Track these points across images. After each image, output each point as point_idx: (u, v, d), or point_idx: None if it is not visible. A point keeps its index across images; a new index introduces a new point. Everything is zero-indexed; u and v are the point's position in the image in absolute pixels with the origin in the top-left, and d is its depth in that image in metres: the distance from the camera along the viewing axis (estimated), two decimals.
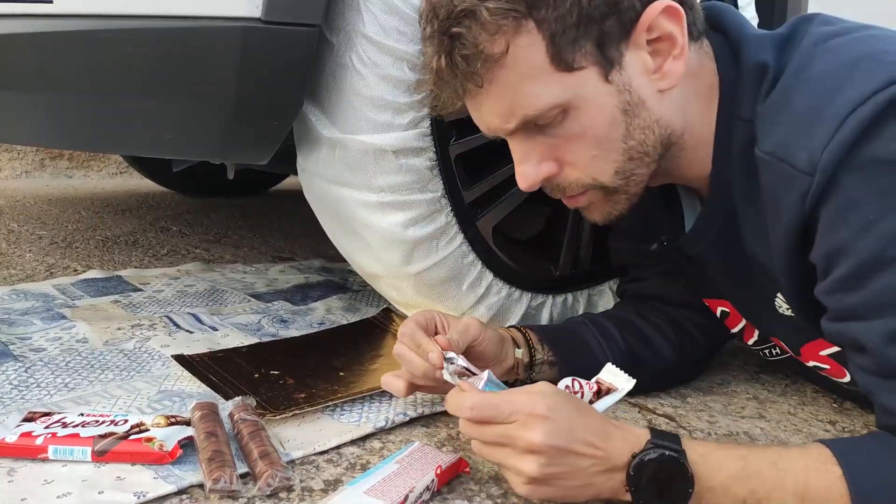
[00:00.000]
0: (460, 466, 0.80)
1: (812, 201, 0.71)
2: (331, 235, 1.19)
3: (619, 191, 0.82)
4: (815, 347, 0.91)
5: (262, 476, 0.74)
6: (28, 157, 3.22)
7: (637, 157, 0.80)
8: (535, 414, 0.69)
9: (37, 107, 1.06)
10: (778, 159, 0.73)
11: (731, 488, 0.70)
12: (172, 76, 0.98)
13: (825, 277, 0.73)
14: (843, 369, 0.91)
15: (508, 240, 1.21)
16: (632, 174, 0.81)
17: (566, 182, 0.82)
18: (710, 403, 1.07)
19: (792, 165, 0.71)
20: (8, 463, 0.77)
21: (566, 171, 0.81)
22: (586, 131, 0.78)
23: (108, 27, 0.96)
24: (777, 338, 0.97)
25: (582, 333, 1.04)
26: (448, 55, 0.76)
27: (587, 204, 0.85)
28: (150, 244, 1.94)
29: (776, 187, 0.75)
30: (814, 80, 0.73)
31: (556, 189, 0.84)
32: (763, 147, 0.75)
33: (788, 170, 0.72)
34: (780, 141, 0.73)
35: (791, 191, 0.72)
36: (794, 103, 0.74)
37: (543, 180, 0.82)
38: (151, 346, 1.13)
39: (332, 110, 1.03)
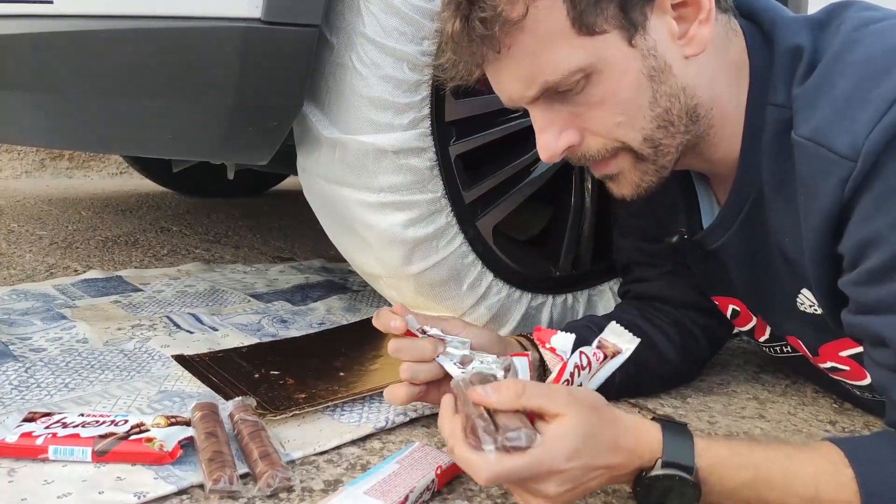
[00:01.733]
0: None
1: (853, 187, 0.68)
2: (331, 235, 1.19)
3: (647, 159, 0.79)
4: (836, 348, 0.89)
5: (263, 476, 0.74)
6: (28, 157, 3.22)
7: (664, 126, 0.78)
8: (553, 471, 0.65)
9: (37, 107, 1.06)
10: (816, 144, 0.70)
11: (738, 494, 0.69)
12: (172, 76, 0.98)
13: (853, 268, 0.71)
14: (863, 371, 0.89)
15: (508, 240, 1.21)
16: (660, 143, 0.78)
17: (590, 151, 0.79)
18: (710, 404, 1.07)
19: (832, 150, 0.69)
20: (8, 463, 0.77)
21: (589, 140, 0.79)
22: (610, 97, 0.75)
23: (108, 27, 0.96)
24: (794, 336, 0.94)
25: (587, 337, 1.01)
26: (465, 19, 0.74)
27: (617, 171, 0.81)
28: (151, 244, 1.94)
29: (813, 173, 0.72)
30: (858, 63, 0.71)
31: (581, 159, 0.81)
32: (800, 132, 0.73)
33: (827, 155, 0.69)
34: (820, 125, 0.71)
35: (830, 177, 0.69)
36: (836, 87, 0.71)
37: (564, 151, 0.79)
38: (151, 347, 1.13)
39: (332, 110, 1.03)
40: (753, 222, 0.84)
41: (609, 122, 0.77)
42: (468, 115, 1.10)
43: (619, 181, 0.83)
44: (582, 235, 1.26)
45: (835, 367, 0.93)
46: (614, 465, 0.68)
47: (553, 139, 0.78)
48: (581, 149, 0.79)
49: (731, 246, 0.88)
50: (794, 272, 0.82)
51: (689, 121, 0.79)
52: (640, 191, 0.82)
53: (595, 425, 0.68)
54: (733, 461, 0.69)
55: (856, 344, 0.85)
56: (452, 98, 1.06)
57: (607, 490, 0.79)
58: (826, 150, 0.70)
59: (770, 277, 0.86)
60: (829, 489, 0.67)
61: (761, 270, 0.87)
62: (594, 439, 0.67)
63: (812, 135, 0.71)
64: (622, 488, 0.79)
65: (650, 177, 0.81)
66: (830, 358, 0.92)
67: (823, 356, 0.92)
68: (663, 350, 1.04)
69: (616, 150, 0.79)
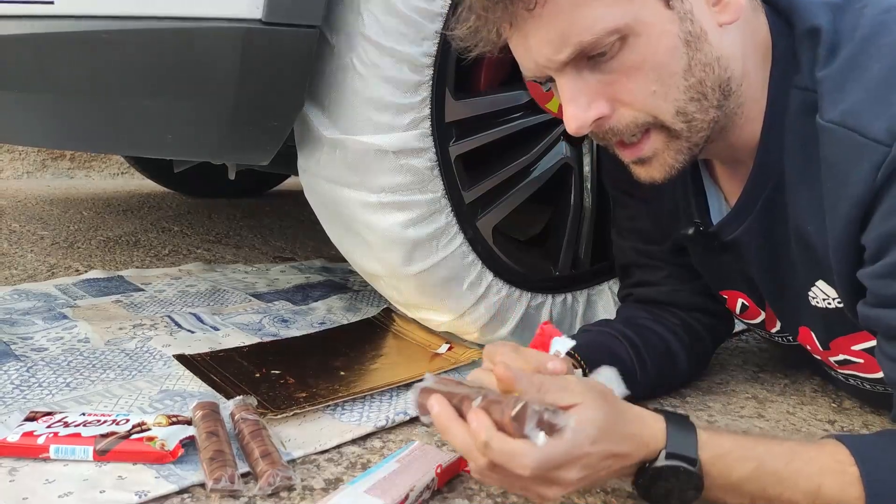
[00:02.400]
0: (461, 465, 0.80)
1: (886, 173, 0.65)
2: (331, 235, 1.20)
3: (681, 136, 0.75)
4: (849, 342, 0.88)
5: (263, 475, 0.74)
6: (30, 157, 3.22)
7: (697, 99, 0.74)
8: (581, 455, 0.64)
9: (38, 107, 1.07)
10: (847, 129, 0.68)
11: (742, 487, 0.68)
12: (173, 77, 0.98)
13: (875, 261, 0.69)
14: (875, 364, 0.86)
15: (508, 240, 1.21)
16: (693, 118, 0.74)
17: (621, 124, 0.74)
18: (710, 403, 1.07)
19: (864, 135, 0.66)
20: (10, 462, 0.77)
21: (620, 111, 0.74)
22: (646, 62, 0.71)
23: (109, 28, 0.96)
24: (807, 328, 0.92)
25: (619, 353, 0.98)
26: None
27: (651, 153, 0.77)
28: (152, 244, 1.94)
29: (842, 159, 0.69)
30: (892, 45, 0.69)
31: (609, 133, 0.76)
32: (828, 116, 0.70)
33: (859, 140, 0.67)
34: (851, 109, 0.68)
35: (861, 162, 0.67)
36: (868, 69, 0.69)
37: (593, 123, 0.74)
38: (153, 346, 1.13)
39: (333, 111, 1.04)
40: (773, 210, 0.82)
41: (644, 91, 0.72)
42: (468, 115, 1.10)
43: (652, 164, 0.78)
44: (581, 235, 1.26)
45: (847, 360, 0.92)
46: (624, 454, 0.68)
47: (582, 110, 0.73)
48: (611, 122, 0.74)
49: (748, 236, 0.86)
50: (812, 261, 0.80)
51: (721, 95, 0.75)
52: (673, 172, 0.78)
53: (610, 412, 0.68)
54: (736, 453, 0.69)
55: (871, 337, 0.83)
56: (453, 98, 1.07)
57: (607, 489, 0.80)
58: (858, 135, 0.67)
59: (786, 268, 0.85)
60: (833, 486, 0.66)
61: (778, 261, 0.86)
62: (611, 425, 0.67)
63: (842, 119, 0.69)
64: (622, 488, 0.80)
65: (683, 156, 0.77)
66: (843, 351, 0.90)
67: (835, 349, 0.91)
68: (679, 361, 1.05)
69: (646, 126, 0.75)
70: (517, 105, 1.16)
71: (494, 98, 1.15)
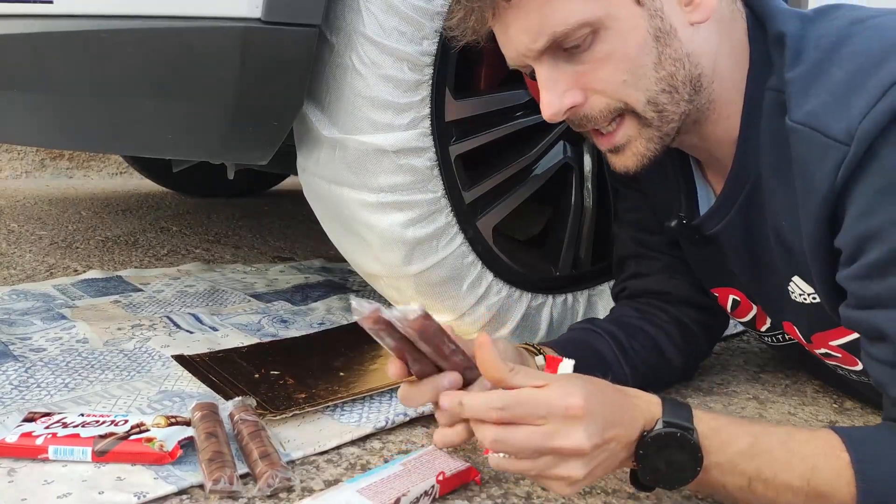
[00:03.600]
0: (469, 475, 0.78)
1: (846, 173, 0.68)
2: (331, 235, 1.19)
3: (652, 124, 0.79)
4: (827, 337, 0.89)
5: (263, 476, 0.74)
6: (28, 157, 3.22)
7: (668, 91, 0.78)
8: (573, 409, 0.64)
9: (37, 107, 1.06)
10: (811, 129, 0.71)
11: (738, 465, 0.69)
12: (173, 76, 0.98)
13: (852, 262, 0.71)
14: (853, 358, 0.90)
15: (508, 240, 1.21)
16: (664, 108, 0.79)
17: (594, 111, 0.79)
18: (711, 404, 1.07)
19: (826, 134, 0.70)
20: (8, 463, 0.77)
21: (592, 99, 0.78)
22: (616, 53, 0.75)
23: (108, 27, 0.96)
24: (790, 322, 0.95)
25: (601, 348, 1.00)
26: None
27: (624, 141, 0.81)
28: (151, 244, 1.94)
29: (808, 158, 0.72)
30: (855, 53, 0.72)
31: (584, 121, 0.80)
32: (794, 117, 0.73)
33: (822, 139, 0.70)
34: (814, 110, 0.72)
35: (824, 161, 0.70)
36: (831, 74, 0.72)
37: (567, 111, 0.79)
38: (151, 347, 1.13)
39: (332, 110, 1.03)
40: (751, 207, 0.84)
41: (614, 80, 0.77)
42: (468, 114, 1.10)
43: (625, 152, 0.82)
44: (582, 235, 1.26)
45: (828, 354, 0.94)
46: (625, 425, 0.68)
47: (557, 98, 0.78)
48: (584, 109, 0.79)
49: (728, 231, 0.88)
50: (789, 257, 0.82)
51: (692, 89, 0.79)
52: (645, 161, 0.82)
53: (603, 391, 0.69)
54: (732, 429, 0.70)
55: (846, 333, 0.86)
56: (452, 98, 1.06)
57: (607, 490, 0.79)
58: (821, 134, 0.71)
59: (766, 264, 0.87)
60: (825, 471, 0.68)
61: (758, 257, 0.88)
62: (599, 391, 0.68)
63: (806, 119, 0.72)
64: (622, 489, 0.80)
65: (654, 144, 0.81)
66: (823, 345, 0.92)
67: (816, 343, 0.93)
68: (670, 356, 1.05)
69: (620, 112, 0.79)
70: (517, 104, 1.15)
71: (494, 97, 1.15)
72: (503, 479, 0.80)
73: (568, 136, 1.22)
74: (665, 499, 0.78)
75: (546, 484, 0.69)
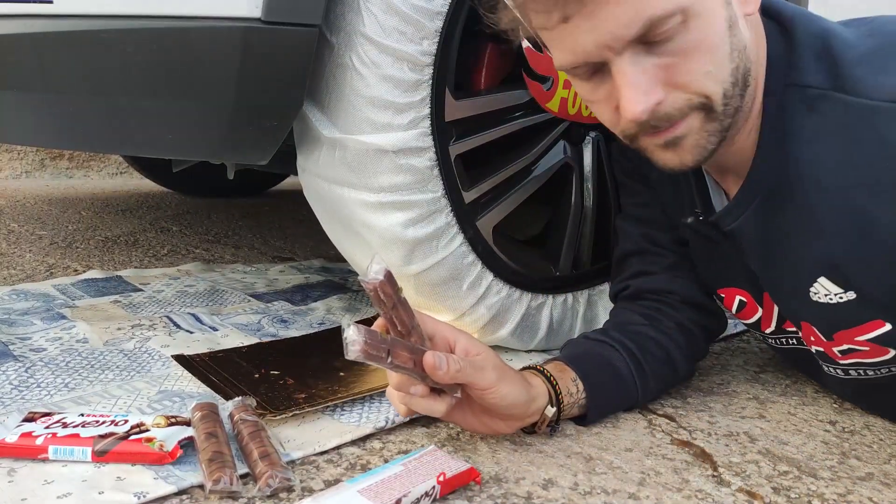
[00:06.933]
0: (470, 476, 0.78)
1: None
2: (331, 235, 1.19)
3: (717, 118, 0.76)
4: (853, 333, 0.89)
5: (263, 477, 0.74)
6: (28, 157, 3.22)
7: (735, 83, 0.76)
8: None
9: (37, 107, 1.06)
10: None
11: None
12: (172, 76, 0.98)
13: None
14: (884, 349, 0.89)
15: (508, 240, 1.21)
16: (731, 99, 0.76)
17: (673, 108, 0.75)
18: (711, 404, 1.07)
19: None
20: (8, 463, 0.77)
21: (673, 95, 0.74)
22: (703, 42, 0.72)
23: (108, 27, 0.96)
24: (808, 322, 0.93)
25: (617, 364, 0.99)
26: None
27: (685, 133, 0.77)
28: (151, 244, 1.94)
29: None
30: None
31: (661, 118, 0.75)
32: (876, 95, 0.72)
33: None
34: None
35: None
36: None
37: (653, 107, 0.74)
38: (151, 347, 1.13)
39: (332, 110, 1.03)
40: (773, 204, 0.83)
41: (700, 72, 0.73)
42: (468, 114, 1.10)
43: (683, 146, 0.78)
44: (582, 235, 1.26)
45: (851, 349, 0.93)
46: None
47: (644, 94, 0.73)
48: (664, 107, 0.75)
49: (747, 226, 0.87)
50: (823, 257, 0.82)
51: (743, 84, 0.77)
52: (706, 154, 0.79)
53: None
54: None
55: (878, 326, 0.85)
56: (452, 98, 1.06)
57: (607, 490, 0.79)
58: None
59: (784, 262, 0.86)
60: None
61: (776, 254, 0.87)
62: None
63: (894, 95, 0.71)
64: (622, 489, 0.80)
65: (715, 138, 0.78)
66: (847, 341, 0.91)
67: (839, 340, 0.92)
68: (679, 367, 1.05)
69: (695, 108, 0.75)
70: (517, 104, 1.15)
71: (495, 97, 1.14)
72: (503, 480, 0.80)
73: (568, 136, 1.22)
74: (665, 499, 0.78)
75: None
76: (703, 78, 0.74)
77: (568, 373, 0.94)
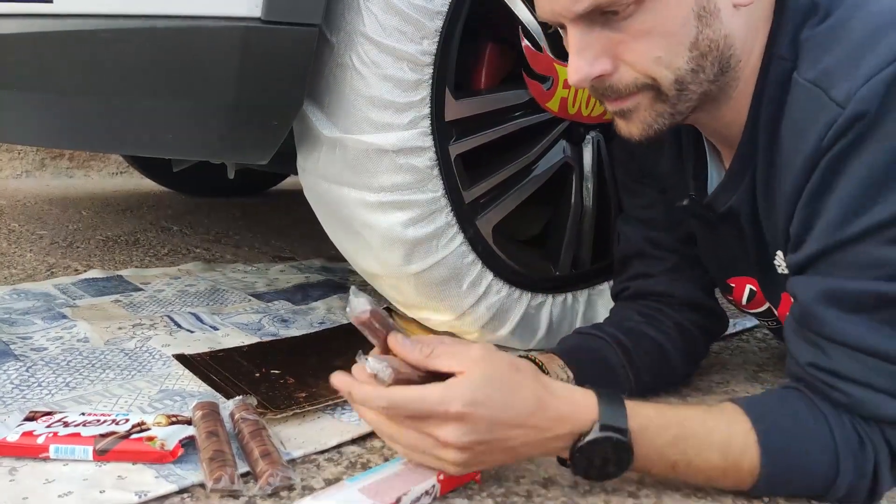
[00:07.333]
0: (470, 475, 0.77)
1: (834, 135, 0.68)
2: (331, 235, 1.20)
3: (668, 100, 0.77)
4: None
5: (263, 475, 0.74)
6: (29, 156, 3.22)
7: (696, 70, 0.75)
8: (449, 415, 0.67)
9: (37, 107, 1.06)
10: (818, 88, 0.70)
11: (664, 454, 0.73)
12: (172, 76, 0.98)
13: None
14: None
15: (508, 239, 1.21)
16: (686, 88, 0.76)
17: (621, 83, 0.76)
18: (710, 402, 1.07)
19: (828, 94, 0.69)
20: (9, 462, 0.77)
21: (622, 70, 0.75)
22: (657, 27, 0.72)
23: (108, 27, 0.96)
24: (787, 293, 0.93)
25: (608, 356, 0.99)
26: None
27: (633, 107, 0.78)
28: (151, 244, 1.94)
29: (804, 116, 0.71)
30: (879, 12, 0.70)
31: (607, 90, 0.77)
32: (806, 74, 0.72)
33: (823, 99, 0.69)
34: (827, 68, 0.70)
35: (818, 121, 0.69)
36: (852, 31, 0.71)
37: (595, 79, 0.76)
38: (152, 346, 1.13)
39: (332, 110, 1.03)
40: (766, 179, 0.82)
41: (648, 56, 0.74)
42: (468, 114, 1.10)
43: (632, 118, 0.79)
44: (582, 235, 1.26)
45: None
46: (541, 425, 0.70)
47: (587, 64, 0.75)
48: (612, 79, 0.76)
49: (741, 205, 0.86)
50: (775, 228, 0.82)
51: (719, 70, 0.77)
52: (651, 132, 0.80)
53: (508, 380, 0.70)
54: (661, 421, 0.73)
55: None
56: (452, 97, 1.06)
57: (607, 489, 0.79)
58: (824, 93, 0.69)
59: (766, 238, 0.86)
60: (737, 438, 0.73)
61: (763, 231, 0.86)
62: (504, 393, 0.69)
63: (817, 78, 0.71)
64: (622, 488, 0.80)
65: (664, 119, 0.79)
66: None
67: None
68: (674, 363, 1.04)
69: (643, 87, 0.76)
70: (517, 104, 1.15)
71: (494, 97, 1.15)
72: (504, 479, 0.80)
73: (568, 135, 1.22)
74: (665, 499, 0.78)
75: None
76: (650, 62, 0.74)
77: (556, 360, 0.95)
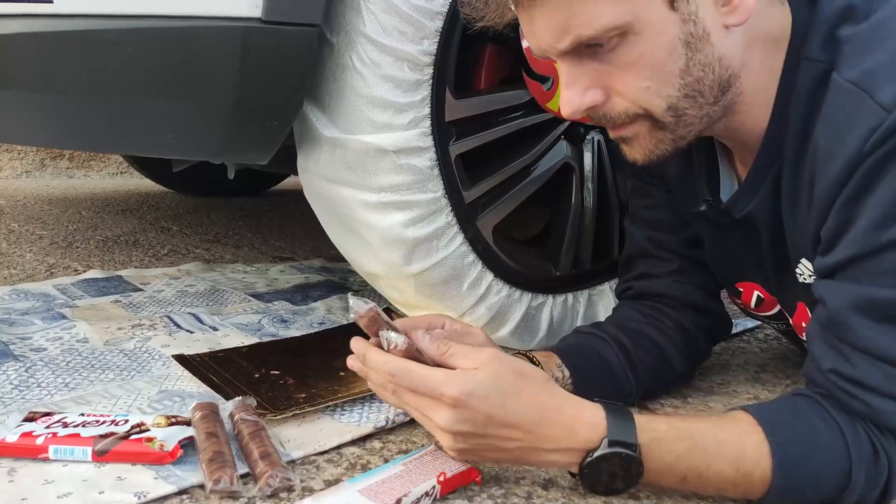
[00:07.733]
0: (470, 476, 0.78)
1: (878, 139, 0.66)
2: (331, 235, 1.19)
3: (667, 128, 0.77)
4: None
5: (263, 476, 0.74)
6: (28, 156, 3.22)
7: (692, 96, 0.75)
8: (446, 398, 0.69)
9: (37, 107, 1.06)
10: (861, 89, 0.68)
11: (674, 467, 0.72)
12: (173, 76, 0.98)
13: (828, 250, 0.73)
14: None
15: (508, 240, 1.21)
16: (684, 113, 0.76)
17: (613, 112, 0.76)
18: (711, 403, 1.07)
19: (872, 97, 0.67)
20: (8, 463, 0.77)
21: (614, 100, 0.76)
22: (642, 59, 0.72)
23: (108, 27, 0.96)
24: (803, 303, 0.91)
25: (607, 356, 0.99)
26: None
27: (632, 135, 0.78)
28: (151, 244, 1.94)
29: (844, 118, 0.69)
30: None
31: (601, 119, 0.78)
32: (847, 74, 0.70)
33: (867, 102, 0.67)
34: (870, 70, 0.69)
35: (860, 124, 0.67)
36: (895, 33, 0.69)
37: (587, 109, 0.76)
38: (152, 346, 1.13)
39: (333, 110, 1.03)
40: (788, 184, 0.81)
41: (636, 87, 0.74)
42: (468, 114, 1.10)
43: (633, 145, 0.80)
44: (582, 235, 1.26)
45: None
46: (542, 436, 0.71)
47: (577, 96, 0.75)
48: (604, 109, 0.77)
49: (760, 211, 0.85)
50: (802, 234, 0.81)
51: (719, 92, 0.76)
52: (653, 157, 0.80)
53: (511, 383, 0.71)
54: (672, 434, 0.73)
55: None
56: (453, 97, 1.06)
57: None
58: (868, 96, 0.67)
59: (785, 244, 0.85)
60: (749, 450, 0.72)
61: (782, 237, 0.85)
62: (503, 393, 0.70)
63: (859, 79, 0.69)
64: None
65: (665, 145, 0.79)
66: None
67: None
68: (674, 363, 1.04)
69: (637, 117, 0.76)
70: (518, 104, 1.15)
71: (495, 97, 1.15)
72: (504, 479, 0.80)
73: (568, 136, 1.22)
74: (665, 499, 0.78)
75: None
76: (640, 92, 0.74)
77: (553, 358, 0.95)
